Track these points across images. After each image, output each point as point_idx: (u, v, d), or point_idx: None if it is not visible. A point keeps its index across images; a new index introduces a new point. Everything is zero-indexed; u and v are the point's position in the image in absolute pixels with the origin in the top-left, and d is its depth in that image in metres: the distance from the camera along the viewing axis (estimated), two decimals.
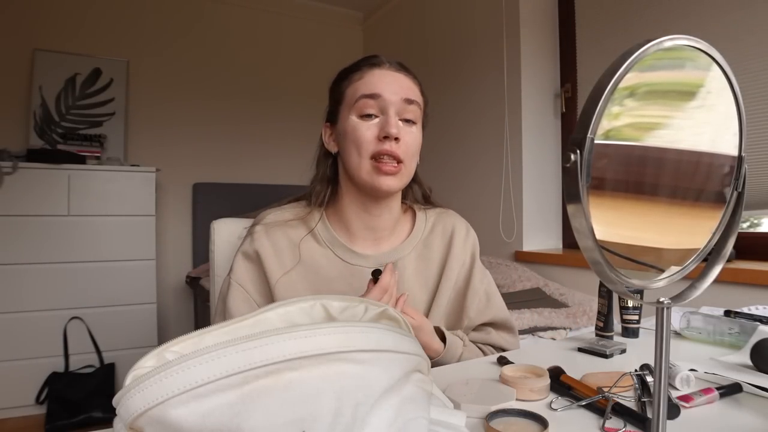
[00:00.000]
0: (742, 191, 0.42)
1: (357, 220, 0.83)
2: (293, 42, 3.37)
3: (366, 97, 0.77)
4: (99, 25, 2.78)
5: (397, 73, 0.80)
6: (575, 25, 2.15)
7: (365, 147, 0.76)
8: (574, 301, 1.66)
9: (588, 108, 0.33)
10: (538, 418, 0.52)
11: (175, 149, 2.97)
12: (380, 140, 0.76)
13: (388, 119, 0.76)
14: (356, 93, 0.78)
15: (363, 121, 0.77)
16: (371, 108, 0.77)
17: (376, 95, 0.77)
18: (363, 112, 0.77)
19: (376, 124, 0.77)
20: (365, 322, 0.36)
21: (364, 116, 0.77)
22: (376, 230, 0.84)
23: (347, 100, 0.80)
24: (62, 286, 2.29)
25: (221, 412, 0.31)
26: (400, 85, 0.79)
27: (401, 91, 0.78)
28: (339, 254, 0.83)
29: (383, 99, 0.77)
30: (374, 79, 0.78)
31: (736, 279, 1.39)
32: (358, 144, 0.76)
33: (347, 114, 0.79)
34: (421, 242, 0.88)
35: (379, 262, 0.83)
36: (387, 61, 0.81)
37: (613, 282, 0.37)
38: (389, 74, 0.79)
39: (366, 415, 0.34)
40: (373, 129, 0.77)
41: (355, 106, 0.78)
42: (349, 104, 0.79)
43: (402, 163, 0.77)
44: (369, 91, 0.77)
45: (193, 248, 3.00)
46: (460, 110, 2.57)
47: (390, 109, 0.76)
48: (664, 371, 0.40)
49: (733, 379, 0.65)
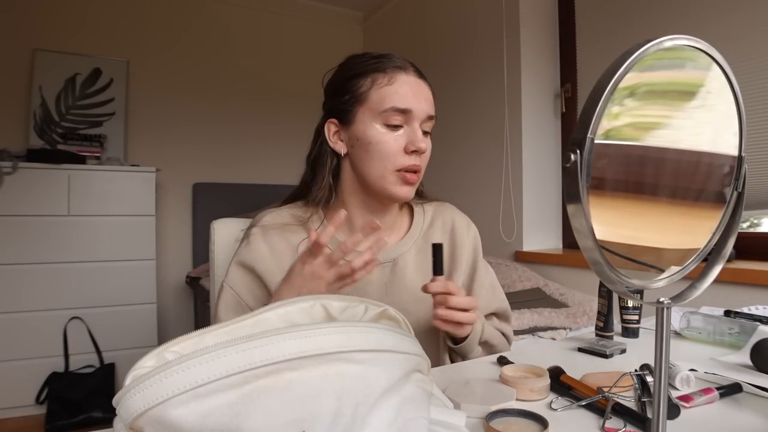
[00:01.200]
0: (742, 191, 0.42)
1: (360, 220, 0.83)
2: (293, 42, 3.37)
3: (398, 111, 0.75)
4: (99, 25, 2.78)
5: (422, 82, 0.79)
6: (575, 25, 2.15)
7: (392, 159, 0.76)
8: (574, 301, 1.66)
9: (588, 108, 0.33)
10: (538, 418, 0.52)
11: (175, 149, 2.97)
12: (407, 153, 0.76)
13: (416, 133, 0.76)
14: (384, 101, 0.75)
15: (389, 131, 0.76)
16: (400, 119, 0.76)
17: (407, 110, 0.76)
18: (391, 122, 0.76)
19: (403, 135, 0.76)
20: (365, 322, 0.36)
21: (390, 126, 0.76)
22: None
23: (371, 105, 0.76)
24: (62, 286, 2.29)
25: (221, 412, 0.31)
26: (426, 98, 0.78)
27: (427, 106, 0.78)
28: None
29: (413, 114, 0.76)
30: (405, 89, 0.76)
31: (736, 279, 1.39)
32: (384, 155, 0.76)
33: (369, 120, 0.76)
34: (421, 237, 0.88)
35: (381, 260, 0.83)
36: (410, 64, 0.80)
37: (613, 282, 0.37)
38: (416, 84, 0.78)
39: (366, 415, 0.34)
40: (401, 141, 0.76)
41: (382, 116, 0.76)
42: (374, 110, 0.76)
43: (420, 173, 0.79)
44: (402, 106, 0.75)
45: (193, 248, 3.00)
46: (460, 110, 2.57)
47: (417, 123, 0.76)
48: (664, 371, 0.40)
49: (733, 379, 0.65)
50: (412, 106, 0.76)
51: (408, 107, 0.75)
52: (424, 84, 0.80)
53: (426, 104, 0.78)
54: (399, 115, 0.76)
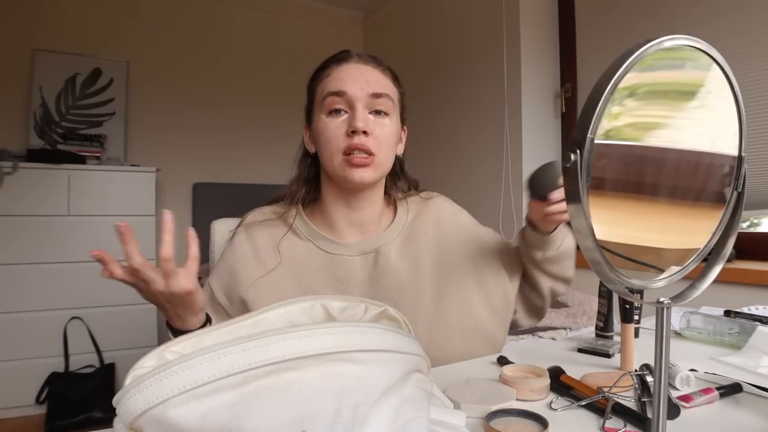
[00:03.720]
0: (742, 191, 0.42)
1: (340, 216, 0.84)
2: (293, 41, 3.37)
3: (332, 94, 0.77)
4: (99, 25, 2.78)
5: (365, 66, 0.80)
6: (575, 25, 2.15)
7: (335, 143, 0.77)
8: (574, 301, 1.66)
9: (588, 108, 0.33)
10: (538, 418, 0.52)
11: (175, 149, 2.97)
12: (349, 135, 0.76)
13: (355, 113, 0.76)
14: (323, 91, 0.78)
15: (332, 118, 0.78)
16: (339, 104, 0.77)
17: (341, 92, 0.77)
18: (331, 108, 0.77)
19: (345, 120, 0.77)
20: (365, 322, 0.36)
21: (332, 113, 0.77)
22: (359, 225, 0.85)
23: (317, 99, 0.80)
24: (62, 286, 2.29)
25: (221, 412, 0.31)
26: (366, 79, 0.78)
27: (368, 86, 0.77)
28: (320, 245, 0.83)
29: (349, 95, 0.76)
30: (341, 75, 0.78)
31: (736, 279, 1.39)
32: (329, 141, 0.77)
33: (318, 113, 0.79)
34: (406, 228, 0.88)
35: (363, 251, 0.83)
36: (356, 54, 0.81)
37: (613, 282, 0.37)
38: (355, 68, 0.79)
39: (366, 415, 0.34)
40: (342, 125, 0.77)
41: (324, 105, 0.78)
42: (319, 103, 0.79)
43: (374, 155, 0.77)
44: (334, 89, 0.77)
45: None
46: (460, 110, 2.56)
47: (357, 103, 0.76)
48: (664, 371, 0.40)
49: (733, 379, 0.65)
50: (345, 88, 0.76)
51: (340, 89, 0.76)
52: (371, 68, 0.80)
53: (367, 84, 0.77)
54: (336, 99, 0.77)
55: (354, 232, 0.85)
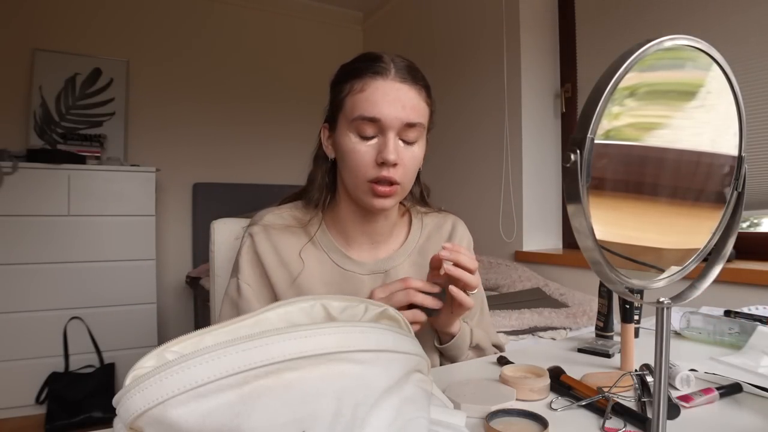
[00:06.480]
0: (742, 191, 0.42)
1: (354, 225, 0.82)
2: (293, 41, 3.37)
3: (365, 119, 0.71)
4: (99, 25, 2.78)
5: (402, 85, 0.72)
6: (575, 25, 2.15)
7: (363, 171, 0.73)
8: (574, 301, 1.67)
9: (588, 108, 0.33)
10: (538, 418, 0.52)
11: (175, 149, 2.97)
12: (378, 165, 0.72)
13: (387, 142, 0.71)
14: (355, 109, 0.72)
15: (362, 141, 0.73)
16: (370, 130, 0.72)
17: (375, 119, 0.71)
18: (361, 133, 0.72)
19: (374, 146, 0.72)
20: (365, 322, 0.36)
21: (362, 136, 0.73)
22: (372, 235, 0.84)
23: (346, 113, 0.74)
24: (62, 286, 2.29)
25: (221, 412, 0.31)
26: (403, 104, 0.72)
27: (403, 114, 0.71)
28: (334, 259, 0.82)
29: (383, 123, 0.71)
30: (376, 96, 0.71)
31: (736, 279, 1.39)
32: (356, 167, 0.73)
33: (345, 128, 0.74)
34: (416, 250, 0.86)
35: (373, 270, 0.82)
36: (393, 66, 0.73)
37: (613, 282, 0.37)
38: (393, 88, 0.72)
39: (366, 415, 0.34)
40: (371, 151, 0.72)
41: (353, 125, 0.72)
42: (347, 118, 0.73)
43: (398, 185, 0.74)
44: (369, 114, 0.71)
45: (193, 248, 3.00)
46: (460, 110, 2.56)
47: (389, 132, 0.71)
48: (664, 371, 0.40)
49: (733, 379, 0.65)
50: (381, 115, 0.70)
51: (376, 116, 0.71)
52: (408, 88, 0.73)
53: (403, 111, 0.71)
54: (368, 124, 0.71)
55: (366, 241, 0.84)
